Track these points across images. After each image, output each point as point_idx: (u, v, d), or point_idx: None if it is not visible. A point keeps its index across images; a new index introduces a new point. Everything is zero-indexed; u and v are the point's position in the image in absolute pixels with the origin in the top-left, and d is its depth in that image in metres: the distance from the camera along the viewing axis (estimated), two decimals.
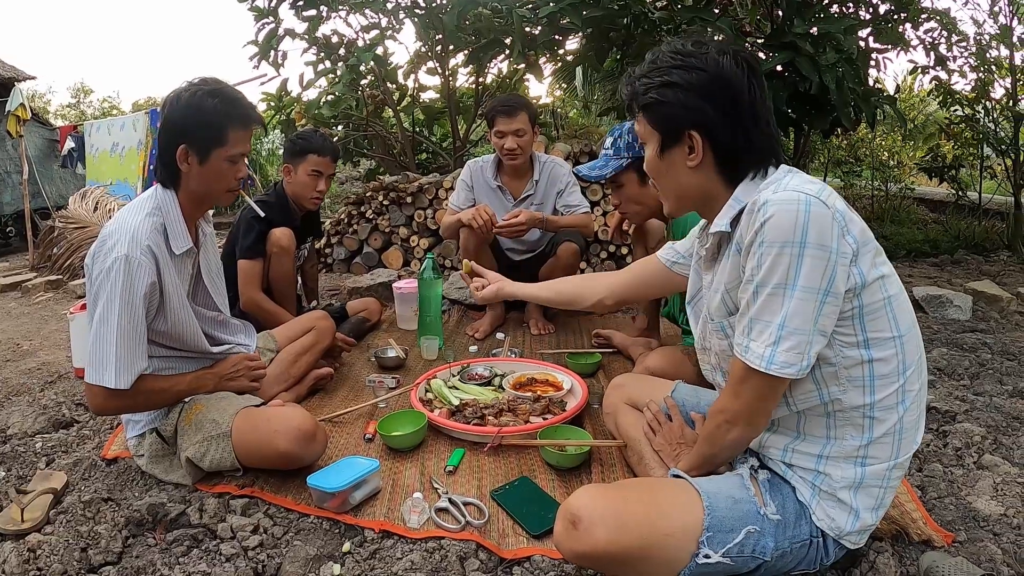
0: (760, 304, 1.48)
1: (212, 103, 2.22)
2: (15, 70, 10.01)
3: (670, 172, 1.69)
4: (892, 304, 1.53)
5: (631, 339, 3.53)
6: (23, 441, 2.70)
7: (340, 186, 12.56)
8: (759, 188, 1.58)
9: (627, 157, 2.86)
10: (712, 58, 1.57)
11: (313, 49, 6.94)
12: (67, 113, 21.51)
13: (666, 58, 1.62)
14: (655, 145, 1.68)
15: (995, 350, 3.64)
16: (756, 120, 1.60)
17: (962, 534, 1.98)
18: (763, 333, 1.48)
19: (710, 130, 1.59)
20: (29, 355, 4.06)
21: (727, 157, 1.62)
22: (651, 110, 1.65)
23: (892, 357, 1.54)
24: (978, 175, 8.44)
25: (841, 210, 1.47)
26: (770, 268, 1.45)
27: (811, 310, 1.44)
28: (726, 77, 1.57)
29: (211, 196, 2.37)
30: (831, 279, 1.43)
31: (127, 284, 2.09)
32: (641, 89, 1.65)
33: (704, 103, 1.57)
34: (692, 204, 1.74)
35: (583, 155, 5.83)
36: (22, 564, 1.87)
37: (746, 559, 1.55)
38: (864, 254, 1.49)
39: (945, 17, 6.69)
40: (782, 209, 1.43)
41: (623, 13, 5.35)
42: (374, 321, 4.20)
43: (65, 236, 6.50)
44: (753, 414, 1.58)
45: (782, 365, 1.46)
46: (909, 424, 1.59)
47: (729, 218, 1.62)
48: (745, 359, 1.52)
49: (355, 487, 2.13)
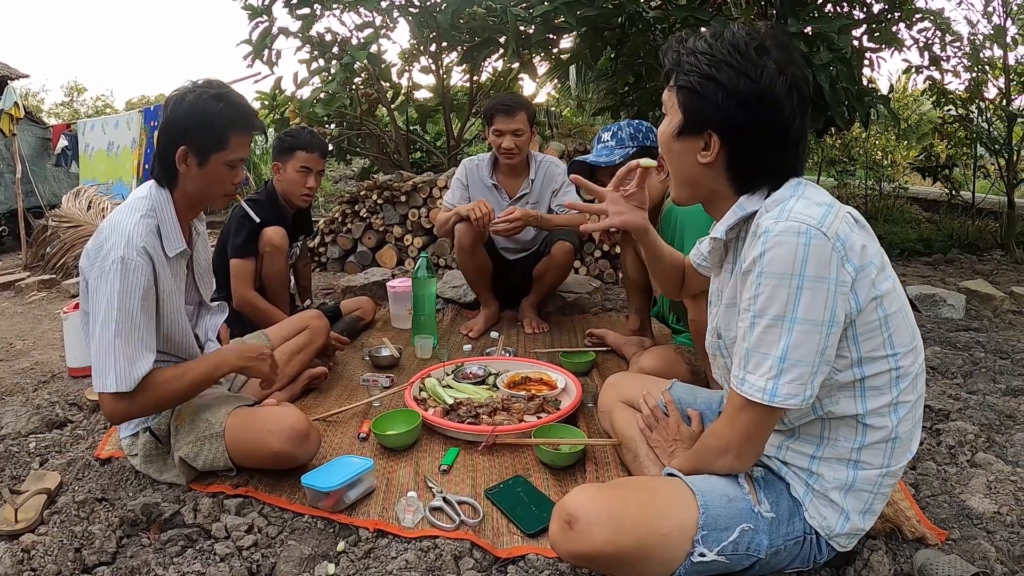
0: (757, 336, 1.47)
1: (216, 107, 2.20)
2: (8, 68, 9.95)
3: (680, 155, 1.65)
4: (888, 323, 1.51)
5: (624, 338, 3.53)
6: (17, 441, 2.69)
7: (334, 185, 12.54)
8: (764, 202, 1.56)
9: (632, 146, 2.87)
10: (770, 73, 1.50)
11: (307, 47, 6.94)
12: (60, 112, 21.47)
13: (724, 49, 1.54)
14: (675, 124, 1.62)
15: (988, 349, 3.65)
16: (786, 143, 1.55)
17: (956, 532, 1.99)
18: (761, 366, 1.47)
19: (732, 139, 1.55)
20: (23, 355, 4.05)
21: (742, 169, 1.59)
22: (685, 94, 1.58)
23: (885, 372, 1.54)
24: (972, 174, 8.46)
25: (843, 236, 1.44)
26: (768, 299, 1.44)
27: (815, 342, 1.42)
28: (774, 96, 1.50)
29: (207, 199, 2.35)
30: (832, 310, 1.42)
31: (124, 286, 2.07)
32: (685, 67, 1.58)
33: (739, 112, 1.51)
34: (697, 195, 1.71)
35: (577, 154, 5.83)
36: (16, 564, 1.86)
37: (741, 557, 1.56)
38: (862, 279, 1.46)
39: (939, 17, 6.70)
40: (781, 241, 1.41)
41: (617, 12, 5.36)
42: (368, 320, 4.20)
43: (58, 235, 6.48)
44: (747, 442, 1.56)
45: (786, 397, 1.44)
46: (903, 434, 1.58)
47: (728, 225, 1.61)
48: (742, 392, 1.50)
49: (349, 486, 2.13)
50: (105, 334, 2.05)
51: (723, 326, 1.70)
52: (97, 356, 2.06)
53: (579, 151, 5.81)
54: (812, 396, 1.46)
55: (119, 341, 2.05)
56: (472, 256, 3.89)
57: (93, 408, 3.03)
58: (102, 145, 8.26)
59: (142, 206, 2.22)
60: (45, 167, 9.91)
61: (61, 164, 8.89)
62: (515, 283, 4.25)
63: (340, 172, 13.01)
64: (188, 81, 2.30)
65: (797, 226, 1.41)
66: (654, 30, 5.48)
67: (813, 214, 1.43)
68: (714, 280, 1.81)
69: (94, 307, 2.10)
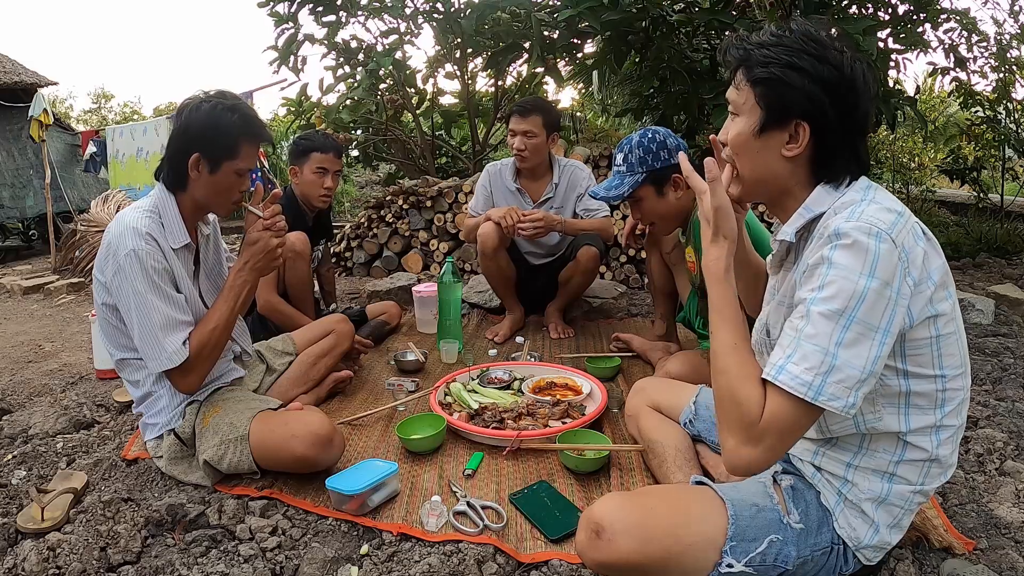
0: (812, 324, 1.39)
1: (231, 118, 2.27)
2: (37, 76, 10.09)
3: (760, 153, 1.57)
4: (940, 343, 1.47)
5: (650, 343, 3.52)
6: (44, 441, 2.72)
7: (360, 190, 12.60)
8: (834, 201, 1.51)
9: (642, 172, 2.80)
10: (849, 58, 1.48)
11: (332, 54, 6.98)
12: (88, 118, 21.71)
13: (797, 40, 1.50)
14: (754, 122, 1.54)
15: (1018, 355, 3.59)
16: (864, 131, 1.53)
17: (983, 541, 1.95)
18: (809, 358, 1.37)
19: (821, 128, 1.50)
20: (51, 356, 4.10)
21: (826, 158, 1.54)
22: (767, 85, 1.51)
23: (931, 392, 1.50)
24: (1000, 177, 8.36)
25: (908, 248, 1.39)
26: (834, 292, 1.37)
27: (866, 348, 1.36)
28: (855, 81, 1.48)
29: (213, 206, 2.41)
30: (890, 319, 1.37)
31: (144, 273, 2.17)
32: (760, 59, 1.51)
33: (826, 98, 1.47)
34: (765, 192, 1.64)
35: (603, 159, 5.82)
36: (42, 562, 1.88)
37: (768, 568, 1.53)
38: (918, 295, 1.42)
39: (965, 17, 6.63)
40: (856, 240, 1.36)
41: (641, 16, 5.35)
42: (394, 324, 4.21)
43: (87, 239, 6.55)
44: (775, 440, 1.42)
45: (830, 397, 1.35)
46: (942, 457, 1.55)
47: (796, 227, 1.57)
48: (778, 381, 1.39)
49: (373, 490, 2.13)
50: (145, 322, 2.17)
51: (772, 323, 1.65)
52: (143, 343, 2.20)
53: (604, 156, 5.79)
54: (854, 406, 1.37)
55: (159, 320, 2.18)
56: (495, 261, 3.88)
57: (120, 409, 3.06)
58: (132, 151, 8.34)
59: (144, 204, 2.34)
60: (74, 172, 10.04)
61: (90, 170, 8.97)
62: (540, 288, 4.24)
63: (366, 177, 13.06)
64: (200, 91, 2.38)
65: (869, 227, 1.37)
66: (678, 34, 5.46)
67: (884, 219, 1.39)
68: (771, 279, 1.77)
69: (123, 303, 2.20)
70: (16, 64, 10.06)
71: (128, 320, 2.21)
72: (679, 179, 2.79)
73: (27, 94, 9.14)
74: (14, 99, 9.55)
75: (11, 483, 2.39)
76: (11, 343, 4.49)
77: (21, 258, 8.88)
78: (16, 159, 9.74)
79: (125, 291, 2.17)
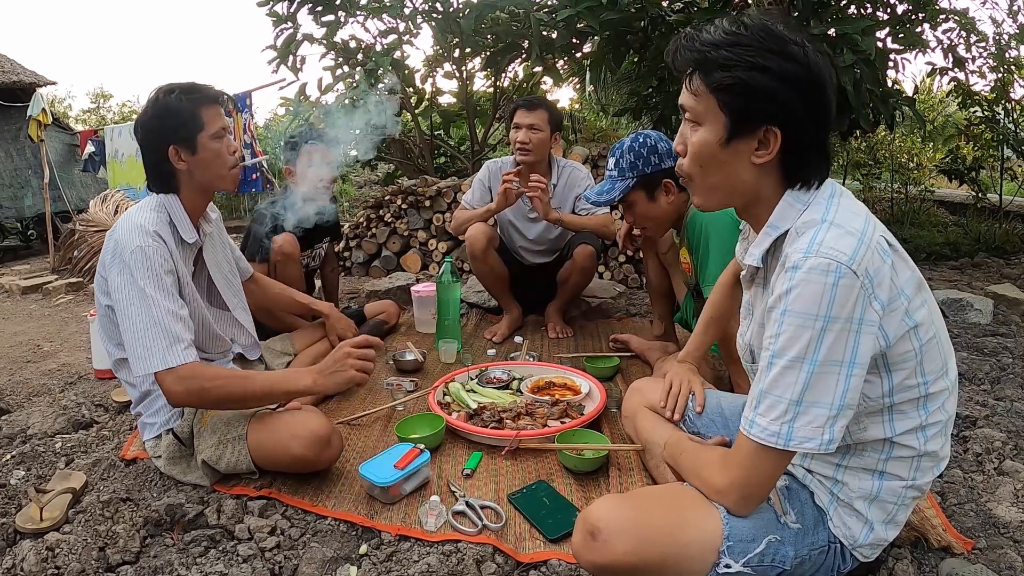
0: (774, 377, 1.40)
1: (175, 98, 2.28)
2: (36, 75, 10.07)
3: (727, 163, 1.49)
4: (922, 351, 1.47)
5: (648, 343, 3.52)
6: (43, 441, 2.72)
7: (359, 190, 12.58)
8: (798, 215, 1.47)
9: (632, 176, 2.82)
10: (811, 52, 1.40)
11: (331, 54, 6.98)
12: (87, 118, 21.64)
13: (756, 37, 1.40)
14: (719, 131, 1.45)
15: (1016, 354, 3.60)
16: (829, 125, 1.45)
17: (982, 541, 1.96)
18: (774, 409, 1.40)
19: (792, 130, 1.42)
20: (50, 356, 4.10)
21: (798, 161, 1.46)
22: (731, 92, 1.41)
23: (914, 398, 1.50)
24: (998, 177, 8.36)
25: (873, 272, 1.36)
26: (789, 340, 1.37)
27: (832, 384, 1.36)
28: (820, 75, 1.40)
29: (215, 182, 2.40)
30: (855, 349, 1.35)
31: (149, 272, 2.14)
32: (720, 62, 1.41)
33: (796, 100, 1.39)
34: (732, 200, 1.57)
35: (601, 159, 5.83)
36: (40, 562, 1.88)
37: (766, 568, 1.53)
38: (891, 313, 1.40)
39: (963, 17, 6.63)
40: (809, 280, 1.34)
41: (640, 16, 5.36)
42: (392, 324, 4.20)
43: (85, 239, 6.54)
44: (757, 487, 1.49)
45: (802, 440, 1.38)
46: (932, 451, 1.55)
47: (763, 249, 1.54)
48: (751, 435, 1.43)
49: (406, 479, 2.18)
50: (138, 320, 2.11)
51: (756, 346, 1.65)
52: (134, 343, 2.11)
53: (603, 155, 5.80)
54: (832, 441, 1.38)
55: (156, 316, 2.11)
56: (485, 262, 3.89)
57: (119, 409, 3.06)
58: (131, 151, 8.32)
59: (150, 204, 2.32)
60: (72, 172, 10.01)
61: (88, 169, 8.95)
62: (539, 288, 4.24)
63: (365, 177, 13.05)
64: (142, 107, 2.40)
65: (826, 263, 1.33)
66: (676, 33, 5.46)
67: (844, 248, 1.35)
68: (746, 293, 1.77)
69: (121, 300, 2.14)
70: (14, 64, 10.04)
71: (124, 316, 2.14)
72: (670, 184, 2.80)
73: (25, 94, 9.12)
74: (12, 99, 9.52)
75: (10, 483, 2.39)
76: (9, 343, 4.48)
77: (19, 258, 8.86)
78: (14, 159, 9.72)
79: (125, 288, 2.13)
